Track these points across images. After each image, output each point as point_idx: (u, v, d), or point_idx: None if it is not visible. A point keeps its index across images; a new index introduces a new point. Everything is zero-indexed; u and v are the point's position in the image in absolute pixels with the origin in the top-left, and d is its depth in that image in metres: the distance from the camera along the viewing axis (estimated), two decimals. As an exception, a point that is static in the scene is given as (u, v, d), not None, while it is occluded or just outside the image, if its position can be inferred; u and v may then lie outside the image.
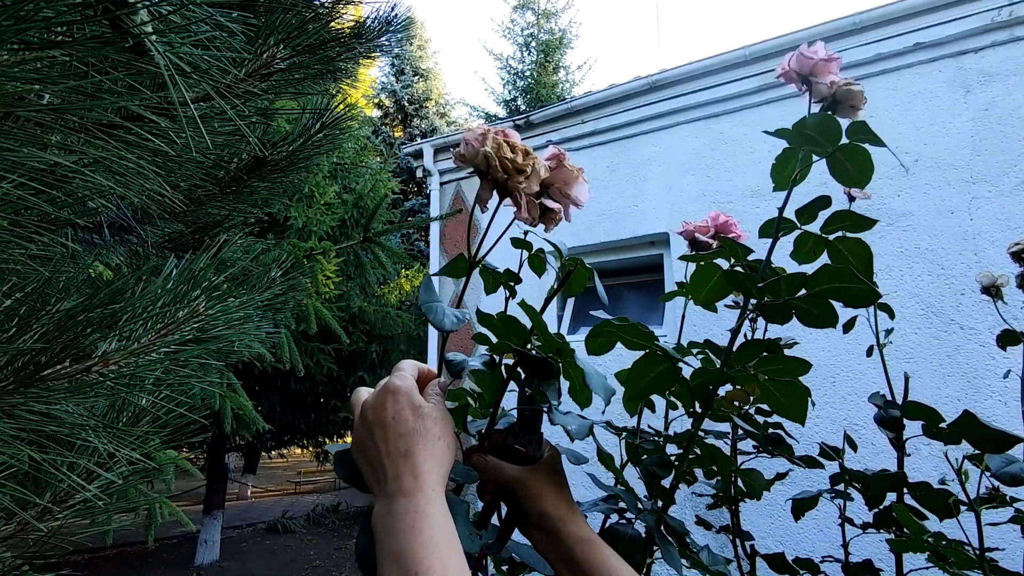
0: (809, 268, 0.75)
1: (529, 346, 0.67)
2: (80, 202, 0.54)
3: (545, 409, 0.62)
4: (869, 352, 1.23)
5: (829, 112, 0.78)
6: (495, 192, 0.58)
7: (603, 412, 0.72)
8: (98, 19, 0.37)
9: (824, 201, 0.83)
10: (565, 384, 0.68)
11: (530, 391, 0.69)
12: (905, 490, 0.97)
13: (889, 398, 1.10)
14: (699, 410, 0.83)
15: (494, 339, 0.67)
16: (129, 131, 0.48)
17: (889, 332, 1.20)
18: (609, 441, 1.12)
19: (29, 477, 0.62)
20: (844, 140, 0.76)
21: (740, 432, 1.11)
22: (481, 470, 0.62)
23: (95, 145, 0.46)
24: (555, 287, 0.74)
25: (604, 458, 0.92)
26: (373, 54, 1.23)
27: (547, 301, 0.74)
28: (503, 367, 0.69)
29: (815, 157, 0.80)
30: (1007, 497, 0.83)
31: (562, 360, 0.65)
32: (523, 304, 0.68)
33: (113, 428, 0.61)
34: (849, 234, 0.82)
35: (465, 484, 0.61)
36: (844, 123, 0.76)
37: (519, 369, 0.67)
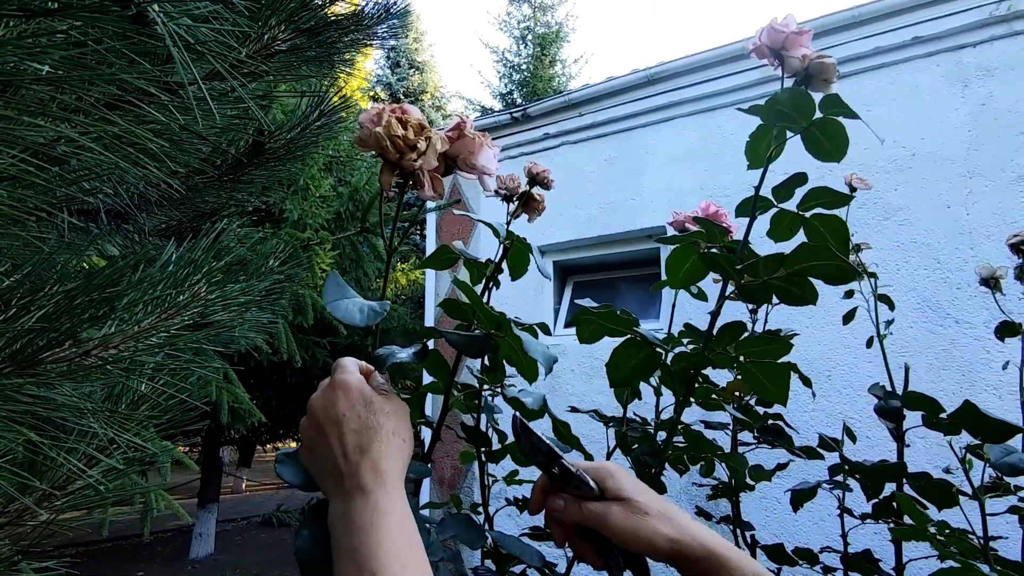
0: (786, 248, 0.74)
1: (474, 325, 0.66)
2: (78, 181, 0.53)
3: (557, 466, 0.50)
4: (869, 343, 1.23)
5: (802, 87, 0.76)
6: (398, 174, 0.54)
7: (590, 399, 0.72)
8: (100, -15, 0.36)
9: (800, 178, 0.81)
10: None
11: (479, 373, 0.71)
12: (904, 480, 0.97)
13: (889, 389, 1.10)
14: (683, 396, 0.83)
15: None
16: (132, 107, 0.47)
17: (890, 323, 1.20)
18: (597, 431, 1.11)
19: (30, 463, 0.61)
20: (818, 114, 0.74)
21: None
22: (578, 520, 0.48)
23: (95, 120, 0.45)
24: (495, 265, 0.74)
25: (561, 434, 0.89)
26: (371, 42, 1.21)
27: (487, 280, 0.74)
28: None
29: (789, 133, 0.78)
30: (1011, 486, 0.83)
31: (503, 334, 0.64)
32: (456, 280, 0.69)
33: (113, 413, 0.60)
34: (825, 211, 0.80)
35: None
36: (818, 97, 0.75)
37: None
